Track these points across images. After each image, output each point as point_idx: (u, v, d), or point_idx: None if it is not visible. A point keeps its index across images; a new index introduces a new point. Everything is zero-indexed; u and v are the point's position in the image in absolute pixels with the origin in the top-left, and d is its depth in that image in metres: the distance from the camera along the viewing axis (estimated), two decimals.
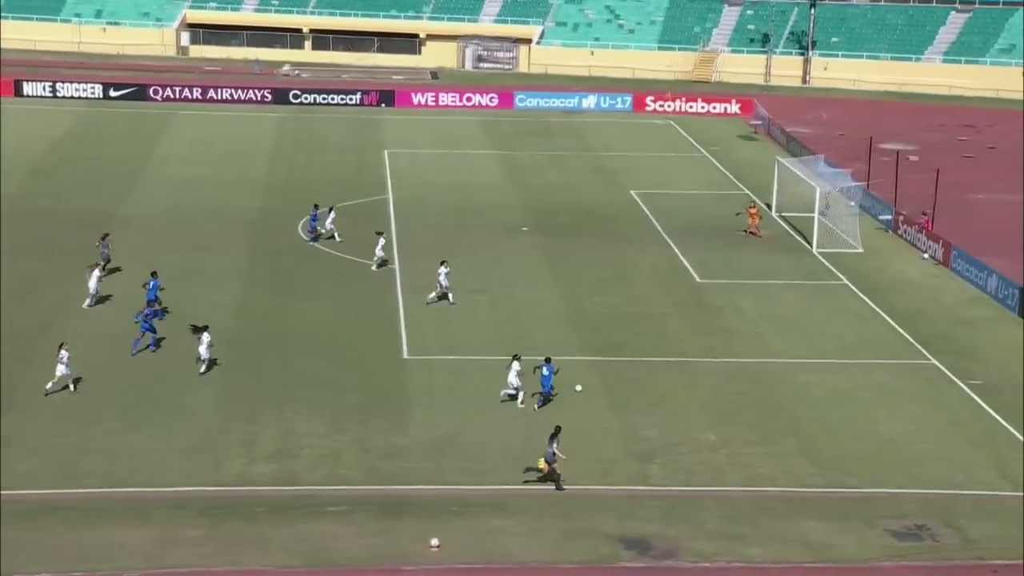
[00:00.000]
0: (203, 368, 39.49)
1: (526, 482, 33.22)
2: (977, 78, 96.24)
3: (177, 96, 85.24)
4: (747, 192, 66.06)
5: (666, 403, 39.03)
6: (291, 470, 34.08)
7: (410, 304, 47.09)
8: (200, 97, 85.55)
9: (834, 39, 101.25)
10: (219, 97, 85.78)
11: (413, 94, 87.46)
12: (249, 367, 40.62)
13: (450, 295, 46.82)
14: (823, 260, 54.52)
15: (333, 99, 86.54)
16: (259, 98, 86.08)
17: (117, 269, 48.99)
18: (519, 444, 35.82)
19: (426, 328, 44.77)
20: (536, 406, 38.05)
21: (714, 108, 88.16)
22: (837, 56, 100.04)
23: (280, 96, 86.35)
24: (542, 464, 33.25)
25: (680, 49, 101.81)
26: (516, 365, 38.04)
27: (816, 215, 56.60)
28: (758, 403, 39.25)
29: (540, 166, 71.03)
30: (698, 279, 51.51)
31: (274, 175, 66.88)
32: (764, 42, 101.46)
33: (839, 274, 52.66)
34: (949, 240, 54.17)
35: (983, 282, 50.71)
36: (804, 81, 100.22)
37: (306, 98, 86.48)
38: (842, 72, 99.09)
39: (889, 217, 59.41)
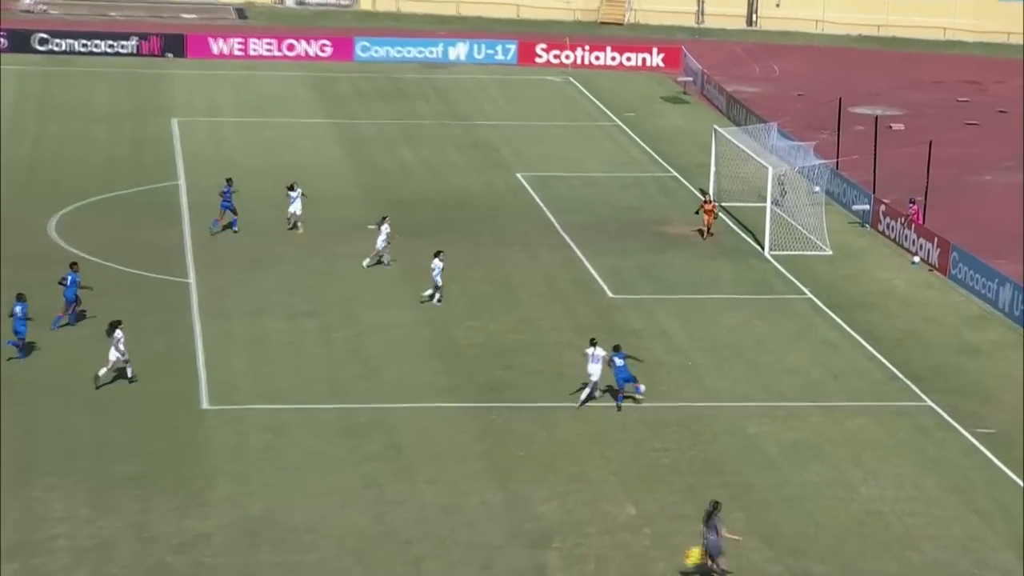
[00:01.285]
0: (103, 375, 42.36)
1: None
2: (981, 17, 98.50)
3: None
4: (674, 173, 66.73)
5: (567, 465, 39.12)
6: (40, 571, 33.43)
7: (212, 334, 46.62)
8: None
9: None
10: None
11: (212, 40, 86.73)
12: None
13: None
14: (778, 266, 55.24)
15: (98, 46, 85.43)
16: None
17: None
18: (365, 524, 35.63)
19: (234, 367, 44.36)
20: (617, 404, 42.18)
21: (628, 60, 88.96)
22: None
23: (19, 42, 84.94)
24: (697, 556, 32.86)
25: None
26: (599, 351, 41.80)
27: (768, 205, 57.35)
28: (693, 463, 39.55)
29: (391, 140, 70.91)
30: (609, 294, 51.83)
31: (13, 153, 65.78)
32: None
33: (800, 285, 53.40)
34: (947, 238, 55.27)
35: (993, 294, 51.83)
36: (750, 22, 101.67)
37: (58, 44, 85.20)
38: (800, 9, 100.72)
39: (867, 207, 60.45)
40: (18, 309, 44.25)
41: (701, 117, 77.08)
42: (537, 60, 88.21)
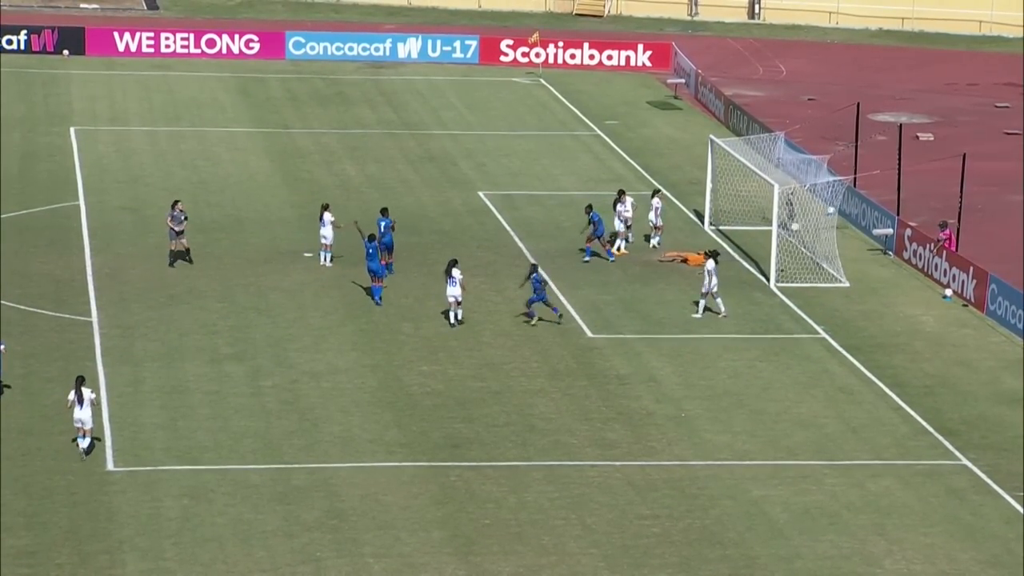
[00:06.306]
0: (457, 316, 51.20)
1: None
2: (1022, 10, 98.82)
3: None
4: (664, 191, 66.89)
5: (538, 535, 39.12)
6: None
7: (119, 382, 46.51)
8: None
9: None
10: None
11: (117, 34, 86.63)
12: None
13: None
14: (786, 300, 55.37)
15: None
16: None
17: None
18: None
19: (145, 421, 44.24)
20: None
21: (610, 58, 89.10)
22: None
23: None
24: None
25: None
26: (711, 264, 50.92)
27: (774, 229, 57.47)
28: (687, 532, 39.59)
29: (331, 153, 70.84)
30: (588, 333, 51.89)
31: None
32: None
33: (812, 323, 53.54)
34: (985, 268, 55.44)
35: None
36: (752, 15, 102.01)
37: None
38: (811, 0, 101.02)
39: (890, 231, 60.60)
40: (370, 248, 52.11)
41: (695, 126, 77.22)
42: (502, 59, 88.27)
